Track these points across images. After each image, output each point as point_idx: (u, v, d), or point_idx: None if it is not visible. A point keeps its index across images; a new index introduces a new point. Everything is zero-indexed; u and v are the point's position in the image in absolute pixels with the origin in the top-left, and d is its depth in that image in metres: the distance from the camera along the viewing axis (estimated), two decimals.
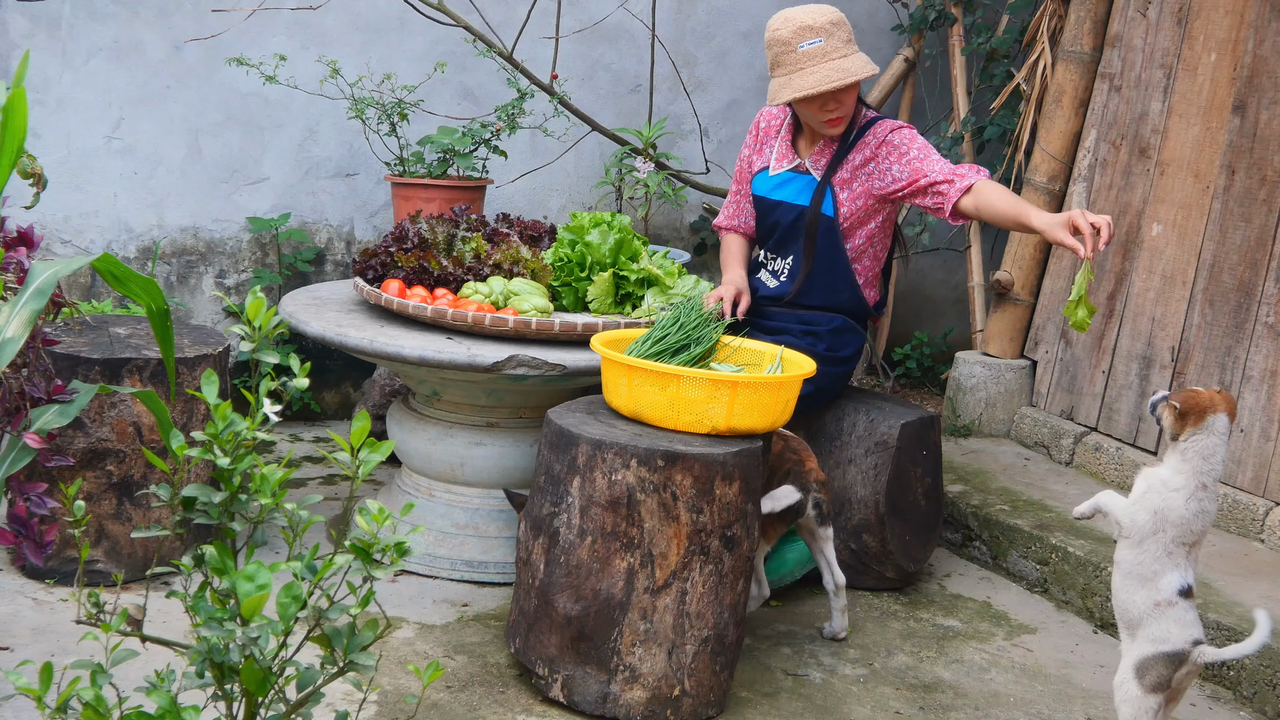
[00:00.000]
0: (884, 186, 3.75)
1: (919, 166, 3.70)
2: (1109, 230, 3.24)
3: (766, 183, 3.89)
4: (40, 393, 2.47)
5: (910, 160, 3.71)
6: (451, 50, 4.98)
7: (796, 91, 3.60)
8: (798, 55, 3.61)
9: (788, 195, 3.83)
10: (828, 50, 3.60)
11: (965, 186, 3.61)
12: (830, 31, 3.61)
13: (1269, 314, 4.23)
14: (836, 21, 3.64)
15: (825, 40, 3.60)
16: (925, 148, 3.73)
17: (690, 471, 3.00)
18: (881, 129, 3.77)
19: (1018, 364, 5.11)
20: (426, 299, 3.66)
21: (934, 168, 3.68)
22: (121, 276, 2.19)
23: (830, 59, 3.60)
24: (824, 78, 3.59)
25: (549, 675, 3.10)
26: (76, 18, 4.58)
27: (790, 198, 3.83)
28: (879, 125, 3.78)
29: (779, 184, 3.86)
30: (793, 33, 3.61)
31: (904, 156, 3.72)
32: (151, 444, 3.51)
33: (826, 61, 3.60)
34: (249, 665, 1.94)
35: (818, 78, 3.59)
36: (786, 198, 3.83)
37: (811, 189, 3.79)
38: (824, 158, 3.81)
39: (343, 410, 5.15)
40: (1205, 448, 2.90)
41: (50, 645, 3.16)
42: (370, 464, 2.04)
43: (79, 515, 2.11)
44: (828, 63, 3.60)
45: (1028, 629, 3.81)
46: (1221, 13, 4.51)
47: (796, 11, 3.66)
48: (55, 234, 4.66)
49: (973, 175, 3.63)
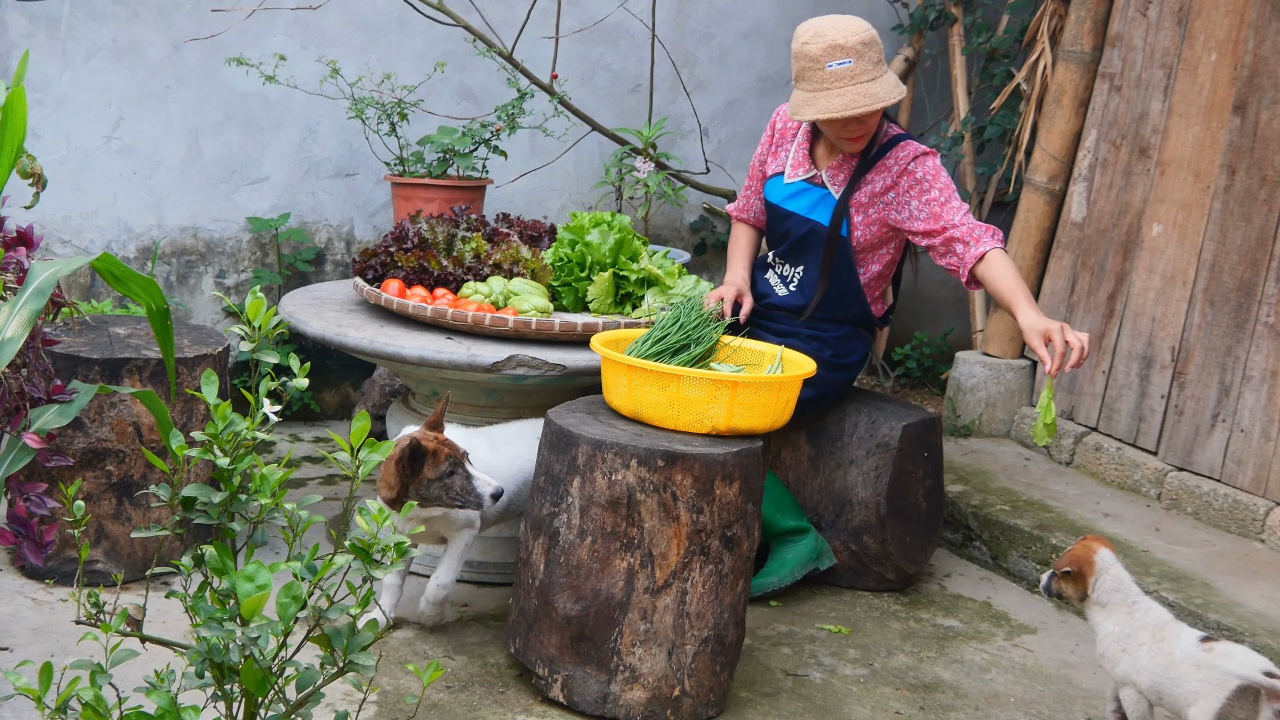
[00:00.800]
0: (901, 220, 3.66)
1: (939, 212, 3.59)
2: (1081, 353, 3.22)
3: (780, 190, 3.80)
4: (40, 393, 2.47)
5: (930, 201, 3.61)
6: (451, 50, 4.98)
7: (821, 113, 3.48)
8: (825, 74, 3.47)
9: (800, 208, 3.75)
10: (856, 72, 3.46)
11: (980, 254, 3.53)
12: (861, 52, 3.46)
13: (1269, 314, 4.22)
14: (868, 41, 3.48)
15: (855, 61, 3.45)
16: (947, 187, 3.62)
17: (690, 471, 3.00)
18: (904, 153, 3.65)
19: (1018, 364, 5.11)
20: (426, 299, 3.66)
21: (955, 218, 3.57)
22: (121, 276, 2.18)
23: (858, 81, 3.46)
24: (850, 102, 3.46)
25: (549, 675, 3.10)
26: (76, 17, 4.58)
27: (804, 210, 3.74)
28: (902, 148, 3.66)
29: (793, 194, 3.77)
30: (822, 50, 3.46)
31: (925, 194, 3.61)
32: (151, 444, 3.50)
33: (854, 84, 3.46)
34: (249, 665, 1.94)
35: (843, 101, 3.46)
36: (800, 210, 3.75)
37: (826, 204, 3.71)
38: (842, 173, 3.70)
39: (343, 410, 5.15)
40: (1112, 582, 3.01)
41: (50, 645, 3.16)
42: (370, 464, 2.04)
43: (79, 515, 2.11)
44: (855, 85, 3.46)
45: (1028, 629, 3.81)
46: (1222, 12, 4.51)
47: (827, 26, 3.49)
48: (55, 234, 4.66)
49: (989, 241, 3.54)
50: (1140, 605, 3.00)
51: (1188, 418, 4.45)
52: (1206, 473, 4.37)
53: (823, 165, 3.74)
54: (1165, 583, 3.76)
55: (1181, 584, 3.77)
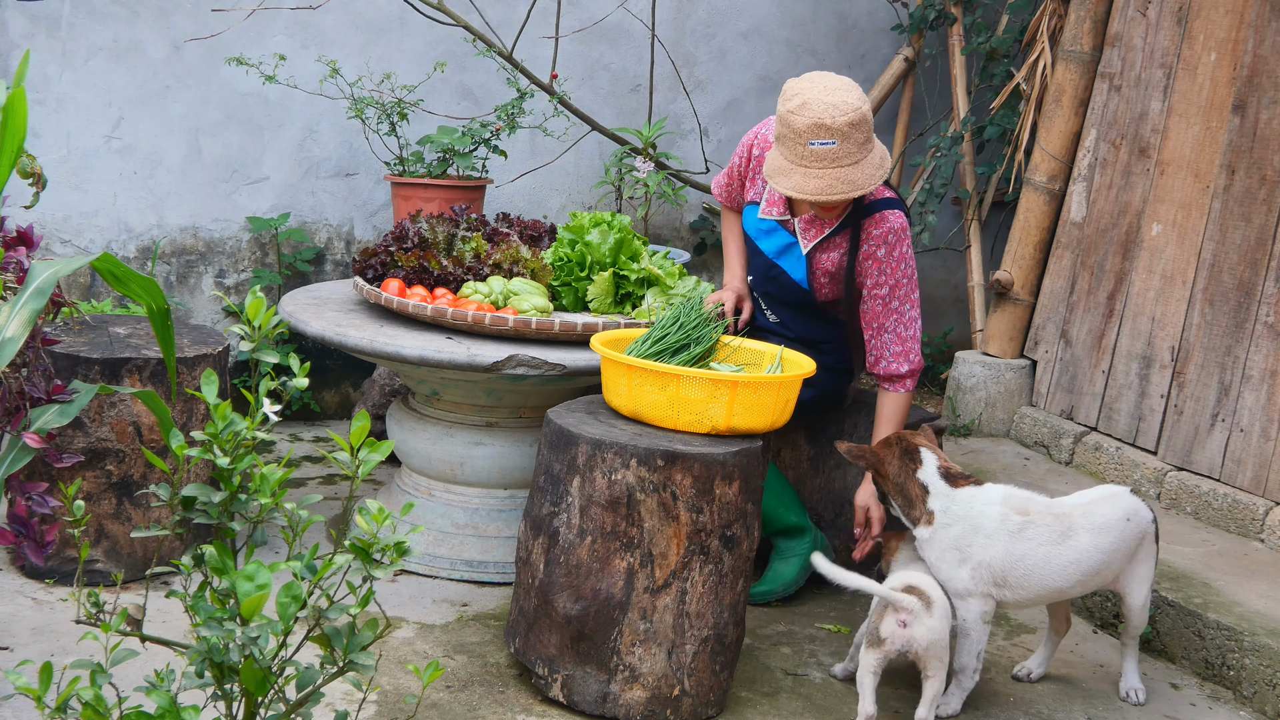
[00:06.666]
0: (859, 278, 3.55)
1: (866, 313, 3.53)
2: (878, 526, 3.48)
3: (753, 221, 3.68)
4: (40, 392, 2.47)
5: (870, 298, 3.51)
6: (451, 50, 4.98)
7: (797, 191, 3.30)
8: (806, 151, 3.26)
9: (769, 249, 3.64)
10: (839, 155, 3.25)
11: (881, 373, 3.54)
12: (847, 134, 3.23)
13: (1269, 313, 4.23)
14: (856, 122, 3.24)
15: (839, 144, 3.24)
16: (903, 284, 3.49)
17: (690, 471, 3.00)
18: (879, 228, 3.47)
19: (1018, 364, 5.11)
20: (426, 298, 3.66)
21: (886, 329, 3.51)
22: (121, 276, 2.19)
23: (840, 165, 3.26)
24: (827, 186, 3.27)
25: (549, 675, 3.10)
26: (76, 17, 4.58)
27: (770, 253, 3.63)
28: (879, 221, 3.47)
29: (764, 231, 3.64)
30: (806, 127, 3.23)
31: (883, 281, 3.49)
32: (151, 444, 3.51)
33: (835, 167, 3.26)
34: (249, 665, 1.94)
35: (820, 185, 3.27)
36: (768, 251, 3.64)
37: (791, 254, 3.59)
38: (814, 229, 3.54)
39: (342, 410, 5.15)
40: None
41: (50, 645, 3.16)
42: (370, 464, 2.04)
43: (79, 515, 2.11)
44: (836, 169, 3.26)
45: (1027, 629, 3.81)
46: (1221, 12, 4.51)
47: (816, 99, 3.25)
48: (55, 234, 4.66)
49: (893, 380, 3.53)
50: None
51: (1187, 417, 4.45)
52: (1206, 472, 4.37)
53: (798, 212, 3.59)
54: (1165, 582, 3.76)
55: (1181, 583, 3.77)
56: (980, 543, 3.16)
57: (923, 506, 3.22)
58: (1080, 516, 3.21)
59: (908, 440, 3.30)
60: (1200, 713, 3.41)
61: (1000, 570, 3.16)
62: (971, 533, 3.17)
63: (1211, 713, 3.42)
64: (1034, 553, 3.16)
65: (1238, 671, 3.49)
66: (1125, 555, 3.25)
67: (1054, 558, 3.17)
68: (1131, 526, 3.24)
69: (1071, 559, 3.17)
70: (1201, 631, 3.59)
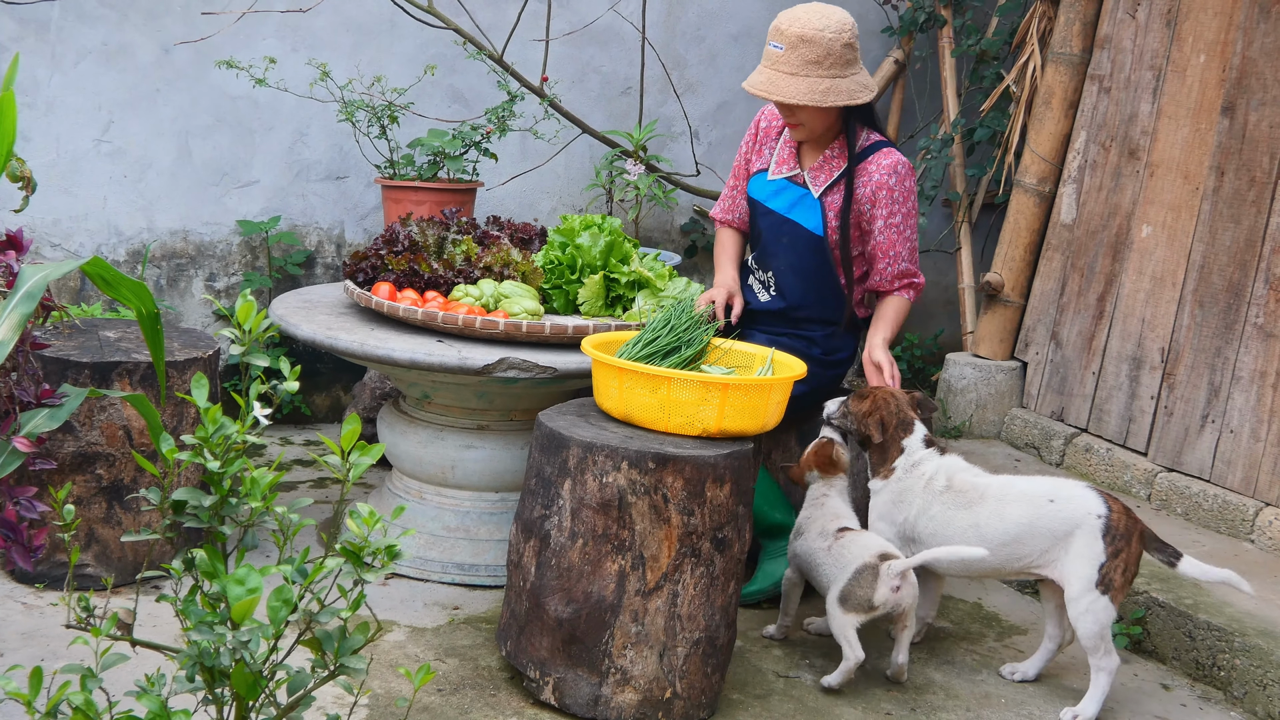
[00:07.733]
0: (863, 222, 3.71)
1: (882, 243, 3.68)
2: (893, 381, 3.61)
3: (764, 188, 3.80)
4: (29, 396, 2.46)
5: (885, 229, 3.67)
6: (442, 53, 4.98)
7: (746, 84, 3.58)
8: (766, 50, 3.56)
9: (780, 206, 3.75)
10: (779, 60, 3.51)
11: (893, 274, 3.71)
12: (794, 45, 3.49)
13: (1258, 315, 4.24)
14: (806, 37, 3.48)
15: (785, 51, 3.50)
16: (906, 220, 3.67)
17: (681, 474, 3.00)
18: (881, 167, 3.65)
19: (1008, 365, 5.12)
20: (417, 302, 3.66)
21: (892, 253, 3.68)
22: (111, 280, 2.18)
23: (777, 69, 3.52)
24: (762, 82, 3.53)
25: (540, 678, 3.10)
26: (65, 20, 4.57)
27: (782, 209, 3.75)
28: (883, 155, 3.66)
29: (774, 192, 3.77)
30: (772, 28, 3.55)
31: (889, 218, 3.66)
32: (141, 448, 3.50)
33: (772, 70, 3.53)
34: (239, 669, 1.94)
35: (756, 79, 3.55)
36: (779, 209, 3.75)
37: (804, 204, 3.71)
38: (823, 173, 3.71)
39: (333, 413, 5.15)
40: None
41: (40, 650, 3.15)
42: (360, 467, 2.04)
43: (69, 519, 2.11)
44: (773, 71, 3.52)
45: (1018, 630, 3.82)
46: (1210, 14, 4.52)
47: (802, 12, 3.54)
48: (44, 237, 4.65)
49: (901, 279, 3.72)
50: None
51: (1177, 418, 4.46)
52: (1196, 473, 4.38)
53: (806, 164, 3.75)
54: (1155, 583, 3.77)
55: (1171, 584, 3.77)
56: (908, 500, 3.38)
57: (891, 465, 3.43)
58: (998, 489, 3.34)
59: (906, 412, 3.46)
60: (1191, 713, 3.42)
61: (912, 525, 3.37)
62: (907, 490, 3.39)
63: (1202, 713, 3.42)
64: (942, 514, 3.34)
65: (1228, 672, 3.50)
66: (1046, 537, 3.25)
67: (955, 520, 3.33)
68: (1055, 510, 3.25)
69: (971, 522, 3.31)
70: (1192, 632, 3.60)
